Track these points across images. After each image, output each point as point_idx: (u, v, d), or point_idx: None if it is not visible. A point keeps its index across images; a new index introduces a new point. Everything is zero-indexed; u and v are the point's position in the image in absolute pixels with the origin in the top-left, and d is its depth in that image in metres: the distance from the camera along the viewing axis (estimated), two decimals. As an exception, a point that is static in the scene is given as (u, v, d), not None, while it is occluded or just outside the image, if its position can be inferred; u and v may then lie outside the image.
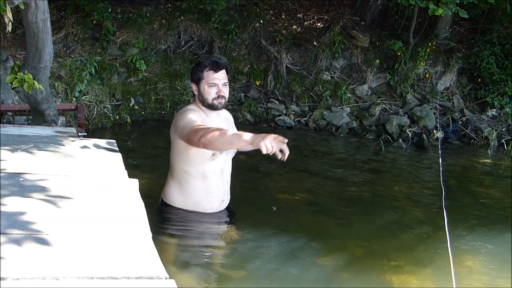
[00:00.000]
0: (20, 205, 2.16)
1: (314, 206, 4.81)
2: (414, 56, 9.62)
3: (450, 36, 10.27)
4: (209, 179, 3.44)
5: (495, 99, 9.41)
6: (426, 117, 9.02)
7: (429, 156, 7.70)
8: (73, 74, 7.59)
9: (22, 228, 1.94)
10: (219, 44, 9.69)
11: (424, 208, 4.96)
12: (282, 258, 3.39)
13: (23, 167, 2.68)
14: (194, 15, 9.61)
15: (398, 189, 5.71)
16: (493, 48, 9.78)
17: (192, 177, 3.42)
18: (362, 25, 10.39)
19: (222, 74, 3.37)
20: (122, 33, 8.86)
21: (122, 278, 1.67)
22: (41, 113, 4.63)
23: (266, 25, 10.14)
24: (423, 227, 4.38)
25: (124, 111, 8.10)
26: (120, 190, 2.52)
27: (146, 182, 4.08)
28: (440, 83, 9.88)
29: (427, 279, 3.34)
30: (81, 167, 2.84)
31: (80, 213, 2.16)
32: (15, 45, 7.97)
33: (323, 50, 9.77)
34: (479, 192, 5.91)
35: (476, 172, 7.16)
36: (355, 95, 9.73)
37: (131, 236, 2.01)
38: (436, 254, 3.70)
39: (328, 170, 6.47)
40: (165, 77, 8.92)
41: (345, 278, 3.25)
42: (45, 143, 3.30)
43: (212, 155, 3.35)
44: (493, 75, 9.52)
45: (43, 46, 4.15)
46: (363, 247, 3.82)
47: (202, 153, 3.32)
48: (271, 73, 9.73)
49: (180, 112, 3.42)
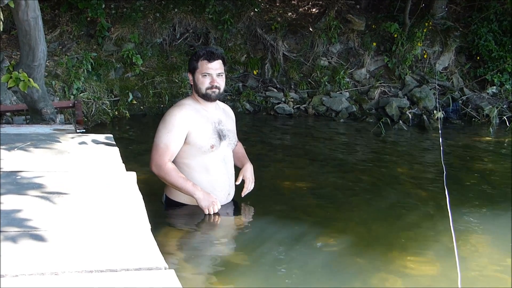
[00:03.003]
0: (17, 202, 2.15)
1: (317, 191, 4.79)
2: (411, 37, 9.57)
3: (447, 15, 10.21)
4: (213, 171, 3.43)
5: (494, 76, 9.37)
6: (425, 98, 8.99)
7: (430, 137, 7.67)
8: (70, 71, 7.57)
9: (19, 225, 1.93)
10: (214, 35, 9.66)
11: (427, 188, 4.94)
12: (287, 244, 3.38)
13: (20, 165, 2.68)
14: (188, 7, 9.58)
15: (400, 171, 5.70)
16: (491, 25, 9.72)
17: (194, 170, 3.40)
18: (357, 8, 10.33)
19: (217, 64, 3.36)
20: (116, 28, 8.84)
21: (121, 270, 1.66)
22: (39, 111, 4.62)
23: (261, 13, 10.09)
24: (426, 207, 4.36)
25: (123, 106, 8.08)
26: (117, 183, 2.51)
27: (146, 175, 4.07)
28: (438, 63, 9.85)
29: (431, 259, 3.33)
30: (78, 162, 2.83)
31: (78, 208, 2.15)
32: (11, 46, 7.95)
33: (319, 36, 9.73)
34: (481, 170, 5.88)
35: (478, 150, 7.13)
36: (353, 79, 9.69)
37: (130, 228, 2.01)
38: (440, 234, 3.68)
39: (329, 155, 6.45)
40: (162, 71, 8.90)
41: (350, 261, 3.24)
42: (42, 141, 3.29)
43: (210, 147, 3.34)
44: (491, 53, 9.47)
45: (36, 44, 4.13)
46: (366, 230, 3.80)
47: (199, 147, 3.33)
48: (268, 61, 9.70)
49: (171, 108, 3.44)
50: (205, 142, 3.33)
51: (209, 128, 3.37)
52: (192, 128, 3.30)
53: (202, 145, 3.32)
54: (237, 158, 3.71)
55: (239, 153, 3.77)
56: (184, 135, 3.30)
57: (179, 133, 3.28)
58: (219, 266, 3.05)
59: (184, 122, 3.30)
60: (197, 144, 3.30)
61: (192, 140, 3.30)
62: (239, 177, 3.66)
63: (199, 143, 3.31)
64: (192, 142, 3.31)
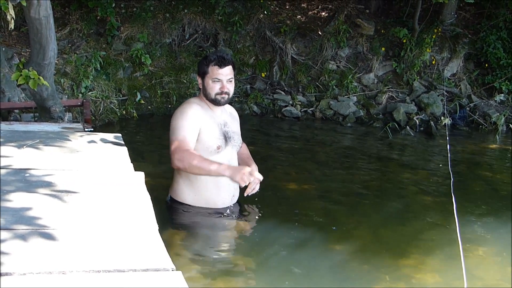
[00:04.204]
0: (26, 200, 2.16)
1: (323, 195, 4.79)
2: (420, 43, 9.55)
3: (456, 22, 10.19)
4: None
5: (502, 84, 9.34)
6: (433, 104, 8.97)
7: (437, 143, 7.66)
8: (79, 70, 7.59)
9: (28, 224, 1.94)
10: (223, 36, 9.67)
11: (433, 195, 4.93)
12: (293, 248, 3.39)
13: (29, 162, 2.69)
14: (198, 8, 9.60)
15: (406, 177, 5.68)
16: (500, 33, 9.69)
17: None
18: (366, 13, 10.32)
19: (228, 70, 3.35)
20: (126, 27, 8.86)
21: (129, 270, 1.67)
22: (48, 109, 4.64)
23: (270, 15, 10.10)
24: (432, 214, 4.35)
25: (131, 105, 8.10)
26: (126, 183, 2.52)
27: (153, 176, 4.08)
28: (446, 70, 9.82)
29: (437, 266, 3.32)
30: (87, 161, 2.84)
31: (86, 207, 2.16)
32: (20, 43, 7.98)
33: (328, 40, 9.72)
34: (488, 178, 5.87)
35: (485, 157, 7.11)
36: (361, 83, 9.68)
37: (137, 229, 2.01)
38: (446, 241, 3.68)
39: (336, 159, 6.45)
40: (170, 71, 8.91)
41: (355, 267, 3.24)
42: (51, 139, 3.31)
43: (217, 148, 3.34)
44: (500, 60, 9.44)
45: (46, 42, 4.15)
46: (372, 235, 3.80)
47: (207, 146, 3.32)
48: (276, 64, 9.70)
49: (181, 106, 3.42)
50: (212, 142, 3.33)
51: (216, 129, 3.38)
52: (203, 126, 3.30)
53: (210, 144, 3.32)
54: (242, 159, 3.71)
55: (244, 154, 3.77)
56: (197, 130, 3.28)
57: (193, 127, 3.27)
58: (225, 268, 3.06)
59: (197, 117, 3.30)
60: (205, 144, 3.30)
61: (202, 138, 3.30)
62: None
63: (207, 143, 3.31)
64: (202, 141, 3.30)
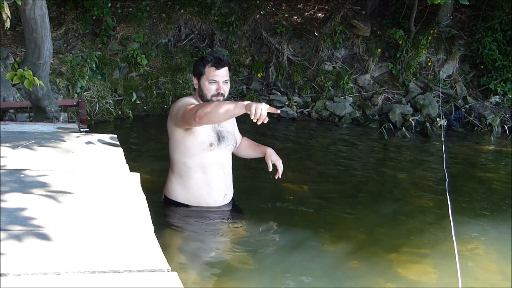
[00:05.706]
0: (21, 201, 2.15)
1: (319, 196, 4.80)
2: (416, 44, 9.56)
3: (452, 24, 10.20)
4: (209, 172, 3.43)
5: (498, 85, 9.36)
6: (429, 105, 8.99)
7: (433, 144, 7.67)
8: (74, 70, 7.58)
9: (22, 224, 1.93)
10: (219, 37, 9.66)
11: (428, 195, 4.94)
12: (289, 248, 3.39)
13: (24, 163, 2.67)
14: (194, 8, 9.59)
15: (402, 178, 5.70)
16: (495, 35, 9.71)
17: (192, 170, 3.42)
18: (363, 14, 10.34)
19: (224, 71, 3.35)
20: (122, 28, 8.85)
21: (124, 271, 1.66)
22: (43, 109, 4.62)
23: (267, 16, 10.09)
24: (427, 214, 4.37)
25: (126, 106, 8.09)
26: (121, 184, 2.51)
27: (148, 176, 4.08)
28: (442, 71, 9.83)
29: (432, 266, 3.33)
30: (82, 162, 2.83)
31: (81, 208, 2.15)
32: (16, 42, 7.96)
33: (324, 41, 9.73)
34: (483, 178, 5.89)
35: (480, 158, 7.13)
36: (357, 85, 9.69)
37: (133, 230, 2.01)
38: (441, 241, 3.69)
39: (332, 160, 6.45)
40: (166, 71, 8.90)
41: (352, 265, 3.25)
42: (46, 139, 3.29)
43: (209, 145, 3.35)
44: (495, 62, 9.46)
45: (42, 42, 4.14)
46: (367, 236, 3.81)
47: (200, 142, 3.32)
48: (272, 64, 9.70)
49: (175, 102, 3.45)
50: (205, 137, 3.34)
51: (209, 126, 3.37)
52: None
53: (203, 140, 3.33)
54: (252, 149, 3.78)
55: (252, 144, 3.84)
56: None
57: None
58: (220, 269, 3.06)
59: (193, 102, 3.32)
60: (198, 138, 3.31)
61: (195, 131, 3.30)
62: (268, 164, 3.70)
63: (200, 137, 3.32)
64: (195, 134, 3.30)
